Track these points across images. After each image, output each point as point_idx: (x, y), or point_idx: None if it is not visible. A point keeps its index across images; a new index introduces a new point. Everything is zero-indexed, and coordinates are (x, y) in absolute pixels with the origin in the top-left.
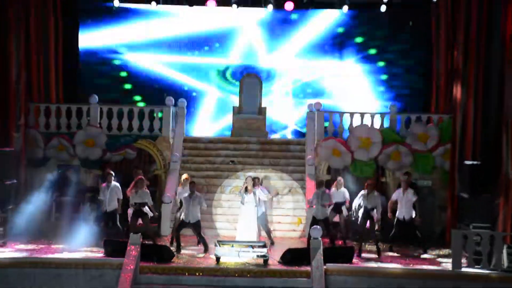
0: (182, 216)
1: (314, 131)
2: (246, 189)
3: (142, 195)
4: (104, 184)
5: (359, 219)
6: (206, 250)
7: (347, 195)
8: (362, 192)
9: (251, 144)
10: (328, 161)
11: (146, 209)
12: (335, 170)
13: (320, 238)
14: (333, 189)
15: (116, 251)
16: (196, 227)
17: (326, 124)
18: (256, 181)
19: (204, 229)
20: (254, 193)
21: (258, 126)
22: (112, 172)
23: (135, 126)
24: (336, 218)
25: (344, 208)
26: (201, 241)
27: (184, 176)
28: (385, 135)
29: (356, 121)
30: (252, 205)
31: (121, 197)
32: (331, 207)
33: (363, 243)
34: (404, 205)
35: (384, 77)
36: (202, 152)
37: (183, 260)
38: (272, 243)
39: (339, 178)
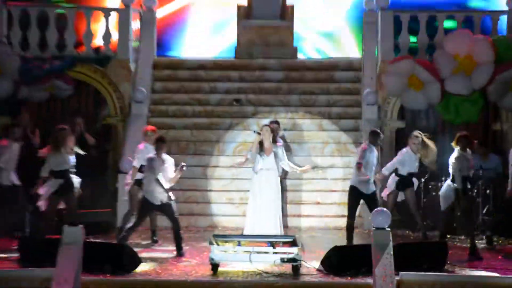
0: (144, 194)
1: (375, 46)
2: (261, 147)
3: (65, 158)
4: (4, 142)
5: (445, 195)
6: (179, 251)
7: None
8: (457, 151)
9: (268, 70)
10: (402, 97)
11: (74, 180)
12: (413, 112)
13: (388, 229)
14: (406, 149)
15: (38, 255)
16: (166, 210)
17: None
18: (276, 129)
19: (189, 217)
20: (276, 154)
21: (281, 39)
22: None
23: (69, 42)
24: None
25: (415, 181)
26: (174, 234)
27: (147, 128)
28: (501, 49)
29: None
30: (273, 175)
31: None
32: (391, 179)
33: (472, 235)
34: None
35: None
36: (187, 85)
37: (157, 268)
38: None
39: (415, 134)
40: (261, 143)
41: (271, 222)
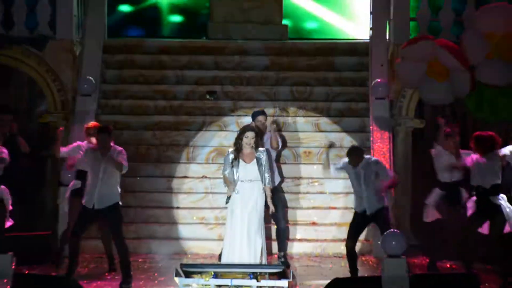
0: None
1: (386, 23)
2: (237, 153)
3: None
4: None
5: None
6: (125, 281)
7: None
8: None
9: (251, 55)
10: (420, 90)
11: None
12: (433, 108)
13: (403, 256)
14: (437, 148)
15: None
16: (113, 221)
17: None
18: (263, 124)
19: (149, 241)
20: (259, 160)
21: (266, 15)
22: None
23: None
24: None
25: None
26: (121, 258)
27: (90, 124)
28: None
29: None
30: (255, 188)
31: None
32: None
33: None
34: None
35: None
36: (147, 74)
37: None
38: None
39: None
40: (238, 148)
41: (253, 248)
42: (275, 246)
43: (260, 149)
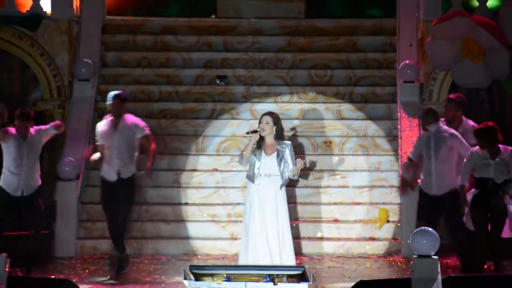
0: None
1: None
2: (259, 144)
3: None
4: None
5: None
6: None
7: None
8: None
9: (265, 35)
10: (453, 72)
11: None
12: (469, 92)
13: (435, 256)
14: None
15: None
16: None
17: None
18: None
19: (155, 241)
20: (280, 154)
21: None
22: None
23: None
24: None
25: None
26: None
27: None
28: None
29: None
30: (274, 182)
31: None
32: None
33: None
34: None
35: None
36: (151, 56)
37: None
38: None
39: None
40: (259, 139)
41: (274, 249)
42: (304, 245)
43: (286, 142)
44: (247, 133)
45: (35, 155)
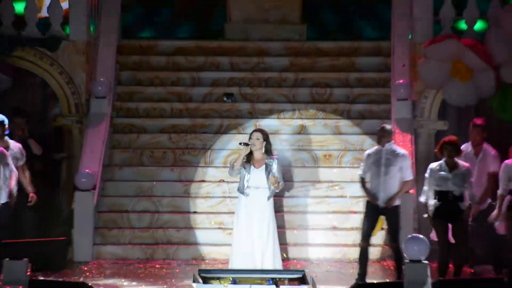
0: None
1: (408, 22)
2: (249, 158)
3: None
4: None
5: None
6: None
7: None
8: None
9: (269, 55)
10: (443, 90)
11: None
12: (458, 110)
13: (425, 261)
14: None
15: None
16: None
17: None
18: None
19: (166, 247)
20: (268, 167)
21: (285, 14)
22: None
23: (6, 15)
24: None
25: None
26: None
27: None
28: None
29: None
30: (262, 194)
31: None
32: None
33: None
34: None
35: None
36: (163, 75)
37: None
38: None
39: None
40: (249, 154)
41: (258, 254)
42: (298, 250)
43: (274, 156)
44: (240, 143)
45: None
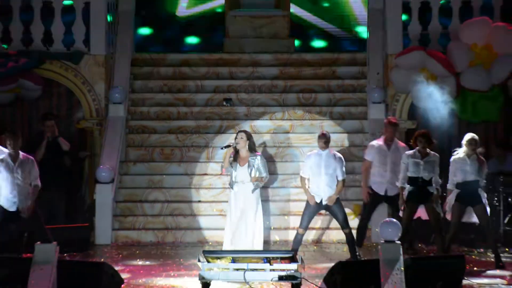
0: (3, 203)
1: (380, 36)
2: (235, 157)
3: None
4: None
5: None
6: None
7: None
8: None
9: (262, 66)
10: (412, 94)
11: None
12: (424, 111)
13: (398, 242)
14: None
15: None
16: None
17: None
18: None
19: (175, 231)
20: (251, 164)
21: (276, 30)
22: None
23: (35, 33)
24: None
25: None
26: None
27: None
28: None
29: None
30: (245, 190)
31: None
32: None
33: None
34: None
35: None
36: (170, 84)
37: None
38: None
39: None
40: (235, 152)
41: (248, 239)
42: (288, 233)
43: (257, 154)
44: (221, 148)
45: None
